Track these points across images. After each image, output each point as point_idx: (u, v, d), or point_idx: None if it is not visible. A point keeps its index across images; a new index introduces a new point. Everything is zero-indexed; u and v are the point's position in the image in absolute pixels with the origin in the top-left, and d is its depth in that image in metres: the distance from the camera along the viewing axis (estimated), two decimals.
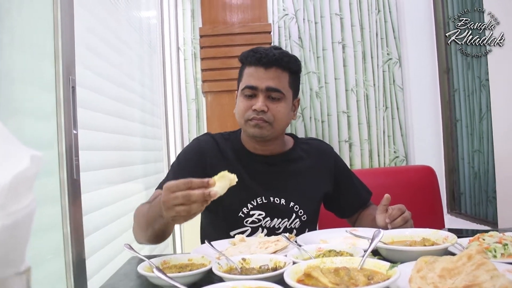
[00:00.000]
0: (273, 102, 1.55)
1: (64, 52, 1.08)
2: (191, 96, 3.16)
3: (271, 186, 1.63)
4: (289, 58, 1.57)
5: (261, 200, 1.61)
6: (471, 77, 2.83)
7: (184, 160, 1.64)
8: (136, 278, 1.19)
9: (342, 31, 3.23)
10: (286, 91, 1.57)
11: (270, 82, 1.53)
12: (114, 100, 1.96)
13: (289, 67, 1.57)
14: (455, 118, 3.06)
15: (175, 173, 1.59)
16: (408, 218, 1.41)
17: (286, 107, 1.57)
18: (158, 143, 2.82)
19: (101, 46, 1.81)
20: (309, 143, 1.77)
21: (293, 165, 1.68)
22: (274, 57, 1.53)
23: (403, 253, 1.12)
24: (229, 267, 1.11)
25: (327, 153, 1.76)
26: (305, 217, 1.65)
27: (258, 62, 1.54)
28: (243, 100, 1.57)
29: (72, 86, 1.12)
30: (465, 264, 0.93)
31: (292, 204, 1.63)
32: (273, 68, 1.54)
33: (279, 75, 1.55)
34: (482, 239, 1.22)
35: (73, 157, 1.11)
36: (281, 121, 1.58)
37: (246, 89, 1.55)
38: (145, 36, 2.62)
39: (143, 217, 1.37)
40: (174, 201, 1.08)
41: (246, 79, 1.57)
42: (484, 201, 2.75)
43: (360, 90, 3.22)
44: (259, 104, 1.52)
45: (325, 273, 0.93)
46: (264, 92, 1.53)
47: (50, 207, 1.06)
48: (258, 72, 1.54)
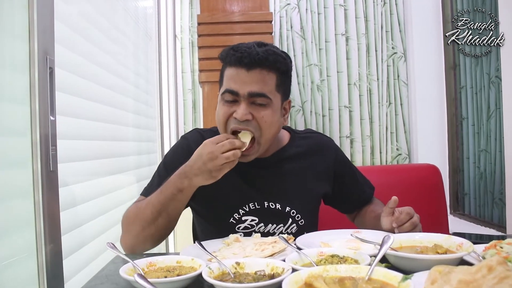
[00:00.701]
0: (258, 108, 1.35)
1: (40, 29, 0.96)
2: (188, 86, 3.04)
3: (264, 189, 1.49)
4: (275, 57, 1.35)
5: (254, 205, 1.48)
6: (479, 74, 2.72)
7: (170, 162, 1.50)
8: (119, 280, 1.08)
9: (346, 22, 3.11)
10: (273, 95, 1.37)
11: (253, 87, 1.32)
12: (105, 87, 1.84)
13: (276, 67, 1.36)
14: (461, 116, 2.95)
15: (161, 177, 1.47)
16: (417, 223, 1.30)
17: (273, 114, 1.37)
18: (152, 134, 2.70)
19: (92, 29, 1.69)
20: (307, 137, 1.61)
21: (288, 165, 1.53)
22: (257, 56, 1.32)
23: (414, 262, 1.01)
24: (221, 272, 1.00)
25: (327, 148, 1.61)
26: (302, 221, 1.51)
27: (239, 62, 1.33)
28: (223, 105, 1.37)
29: (50, 67, 1.00)
30: (485, 277, 0.83)
31: (288, 209, 1.49)
32: (257, 69, 1.32)
33: (264, 78, 1.34)
34: (499, 247, 1.12)
35: (49, 146, 0.99)
36: (269, 130, 1.38)
37: (226, 94, 1.36)
38: (140, 23, 2.50)
39: (147, 209, 1.31)
40: (221, 148, 1.23)
41: (227, 82, 1.37)
42: (489, 202, 2.65)
43: (363, 84, 3.11)
44: (241, 112, 1.32)
45: (328, 283, 0.83)
46: (247, 98, 1.33)
47: (21, 201, 0.95)
48: (240, 74, 1.33)
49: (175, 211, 1.32)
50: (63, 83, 1.39)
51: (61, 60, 1.32)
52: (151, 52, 2.74)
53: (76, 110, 1.51)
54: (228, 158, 1.23)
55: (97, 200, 1.66)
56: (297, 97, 3.07)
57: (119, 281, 1.08)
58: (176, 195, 1.28)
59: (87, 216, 1.54)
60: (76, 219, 1.41)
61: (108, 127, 1.87)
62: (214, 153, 1.22)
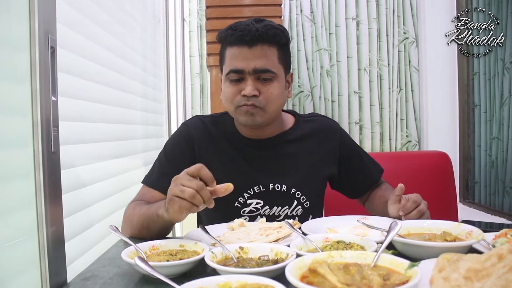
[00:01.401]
0: (264, 83, 1.37)
1: (41, 7, 0.94)
2: (196, 70, 3.01)
3: (269, 171, 1.49)
4: (275, 31, 1.38)
5: (259, 188, 1.48)
6: (493, 60, 2.66)
7: (171, 150, 1.51)
8: (121, 264, 1.07)
9: (357, 6, 3.05)
10: (277, 69, 1.40)
11: (257, 62, 1.35)
12: (113, 70, 1.82)
13: (276, 41, 1.38)
14: (473, 103, 2.90)
15: (162, 165, 1.49)
16: (424, 211, 1.27)
17: (279, 87, 1.40)
18: (159, 118, 2.69)
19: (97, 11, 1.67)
20: (312, 121, 1.60)
21: (293, 147, 1.53)
22: (257, 32, 1.34)
23: (422, 249, 0.99)
24: (225, 256, 0.99)
25: (331, 131, 1.59)
26: (308, 203, 1.51)
27: (240, 40, 1.34)
28: (229, 85, 1.39)
29: (52, 46, 0.98)
30: (494, 265, 0.80)
31: (294, 190, 1.49)
32: (258, 45, 1.35)
33: (266, 52, 1.36)
34: (510, 236, 1.09)
35: (51, 127, 0.97)
36: (276, 104, 1.41)
37: (232, 74, 1.37)
38: (148, 5, 2.47)
39: (136, 217, 1.29)
40: (180, 190, 1.07)
41: (230, 62, 1.38)
42: (500, 191, 2.61)
43: (373, 69, 3.05)
44: (249, 88, 1.35)
45: (333, 269, 0.80)
46: (252, 75, 1.36)
47: (22, 182, 0.93)
48: (242, 52, 1.35)
49: (157, 231, 1.23)
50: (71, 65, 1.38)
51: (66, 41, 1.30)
52: (159, 35, 2.71)
53: (83, 93, 1.49)
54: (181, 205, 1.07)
55: (103, 183, 1.65)
56: (306, 82, 3.03)
57: (121, 264, 1.07)
58: (157, 218, 1.19)
59: (92, 199, 1.54)
60: (80, 202, 1.41)
61: (115, 110, 1.86)
62: (172, 190, 1.09)
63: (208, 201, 1.07)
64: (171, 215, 1.10)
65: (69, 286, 0.96)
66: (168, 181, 1.39)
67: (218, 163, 1.48)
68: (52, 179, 0.99)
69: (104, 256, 1.17)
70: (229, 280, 0.78)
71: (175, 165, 1.44)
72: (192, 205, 1.05)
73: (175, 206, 1.07)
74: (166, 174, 1.42)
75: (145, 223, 1.25)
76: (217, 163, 1.47)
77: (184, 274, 0.97)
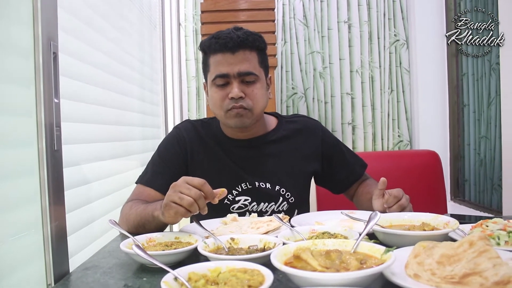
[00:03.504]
0: (248, 85, 1.48)
1: (44, 16, 1.01)
2: (192, 73, 3.09)
3: (255, 170, 1.58)
4: (254, 37, 1.49)
5: (246, 185, 1.57)
6: (480, 61, 2.74)
7: (164, 150, 1.61)
8: (120, 255, 1.15)
9: (349, 10, 3.13)
10: (258, 71, 1.50)
11: (241, 66, 1.45)
12: (111, 74, 1.90)
13: (256, 46, 1.50)
14: (463, 103, 2.97)
15: (155, 166, 1.57)
16: (405, 205, 1.35)
17: (261, 88, 1.51)
18: (156, 120, 2.76)
19: (95, 17, 1.74)
20: (294, 121, 1.70)
21: (276, 147, 1.62)
22: (239, 39, 1.45)
23: (400, 237, 1.06)
24: (217, 246, 1.06)
25: (313, 130, 1.68)
26: (292, 199, 1.60)
27: (224, 48, 1.45)
28: (216, 90, 1.49)
29: (54, 52, 1.05)
30: (466, 251, 0.87)
31: (278, 187, 1.58)
32: (240, 51, 1.46)
33: (247, 57, 1.47)
34: (485, 226, 1.16)
35: (53, 127, 1.04)
36: (260, 104, 1.51)
37: (218, 79, 1.47)
38: (145, 11, 2.55)
39: (133, 216, 1.35)
40: (179, 197, 1.12)
41: (215, 68, 1.48)
42: (489, 188, 2.68)
43: (365, 71, 3.13)
44: (235, 91, 1.44)
45: (315, 255, 0.87)
46: (237, 78, 1.46)
47: (28, 178, 1.00)
48: (226, 58, 1.46)
49: (152, 230, 1.27)
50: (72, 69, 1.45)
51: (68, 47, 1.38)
52: (155, 40, 2.79)
53: (83, 95, 1.57)
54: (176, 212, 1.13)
55: (102, 182, 1.72)
56: (300, 84, 3.10)
57: (120, 256, 1.14)
58: (153, 219, 1.27)
59: (93, 196, 1.61)
60: (81, 199, 1.48)
61: (114, 112, 1.93)
62: (170, 196, 1.14)
63: (203, 209, 1.15)
64: (167, 218, 1.18)
65: (71, 275, 1.02)
66: (162, 180, 1.48)
67: (208, 163, 1.58)
68: (55, 176, 1.06)
69: (104, 249, 1.24)
70: (219, 265, 0.85)
71: (169, 165, 1.54)
72: (187, 211, 1.13)
73: (171, 211, 1.14)
74: (160, 174, 1.52)
75: (141, 222, 1.32)
76: (207, 163, 1.58)
77: (179, 263, 1.03)
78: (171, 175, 1.42)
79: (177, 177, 1.22)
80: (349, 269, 0.81)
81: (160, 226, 1.30)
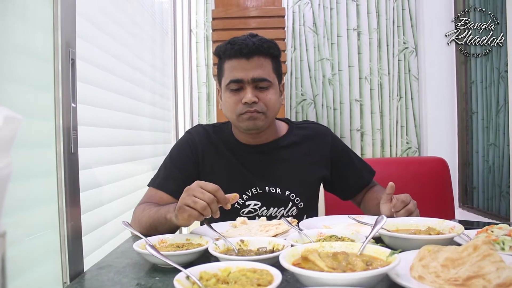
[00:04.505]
0: (262, 91, 1.50)
1: (63, 24, 1.05)
2: (202, 79, 3.13)
3: (265, 175, 1.60)
4: (268, 44, 1.52)
5: (256, 190, 1.59)
6: (489, 69, 2.75)
7: (176, 155, 1.64)
8: (133, 256, 1.18)
9: (358, 17, 3.16)
10: (272, 78, 1.53)
11: (255, 72, 1.48)
12: (124, 79, 1.94)
13: (270, 53, 1.53)
14: (471, 111, 2.98)
15: (167, 169, 1.60)
16: (412, 210, 1.37)
17: (275, 94, 1.53)
18: (167, 125, 2.80)
19: (109, 24, 1.78)
20: (305, 127, 1.72)
21: (286, 152, 1.64)
22: (254, 45, 1.48)
23: (406, 241, 1.09)
24: (227, 248, 1.08)
25: (323, 136, 1.70)
26: (302, 204, 1.62)
27: (239, 54, 1.48)
28: (230, 95, 1.52)
29: (72, 58, 1.09)
30: (470, 255, 0.89)
31: (288, 192, 1.60)
32: (255, 57, 1.49)
33: (262, 63, 1.50)
34: (490, 231, 1.18)
35: (71, 131, 1.08)
36: (273, 109, 1.54)
37: (232, 84, 1.50)
38: (157, 17, 2.60)
39: (145, 218, 1.38)
40: (193, 201, 1.16)
41: (230, 73, 1.51)
42: (497, 196, 2.69)
43: (374, 78, 3.16)
44: (249, 96, 1.47)
45: (322, 257, 0.90)
46: (251, 83, 1.49)
47: (46, 179, 1.04)
48: (241, 64, 1.49)
49: (164, 232, 1.30)
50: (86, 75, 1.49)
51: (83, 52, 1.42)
52: (167, 46, 2.84)
53: (97, 100, 1.61)
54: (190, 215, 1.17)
55: (114, 185, 1.76)
56: (309, 90, 3.14)
57: (132, 256, 1.17)
58: (165, 221, 1.30)
59: (104, 198, 1.64)
60: (94, 201, 1.51)
61: (126, 117, 1.97)
62: (184, 200, 1.18)
63: (215, 213, 1.18)
64: (180, 221, 1.21)
65: (86, 274, 1.06)
66: (174, 184, 1.51)
67: (219, 167, 1.61)
68: (72, 178, 1.10)
69: (117, 250, 1.27)
70: (229, 265, 0.88)
71: (180, 169, 1.57)
72: (200, 215, 1.16)
73: (184, 214, 1.17)
74: (172, 178, 1.55)
75: (153, 224, 1.35)
76: (218, 167, 1.60)
77: (190, 263, 1.06)
78: (183, 179, 1.46)
79: (188, 181, 1.26)
80: (355, 270, 0.84)
81: (172, 228, 1.33)
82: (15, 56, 0.96)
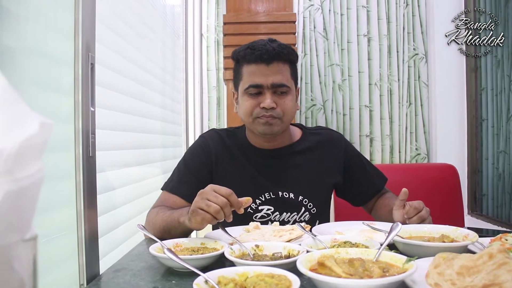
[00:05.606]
0: (280, 96, 1.52)
1: (84, 29, 1.07)
2: (213, 83, 3.15)
3: (278, 180, 1.61)
4: (288, 50, 1.54)
5: (269, 195, 1.60)
6: (500, 76, 2.75)
7: (190, 159, 1.65)
8: (148, 259, 1.19)
9: (368, 24, 3.17)
10: (290, 83, 1.55)
11: (274, 78, 1.50)
12: (136, 82, 1.96)
13: (289, 59, 1.55)
14: (481, 118, 2.98)
15: (181, 173, 1.61)
16: (425, 217, 1.37)
17: (292, 100, 1.55)
18: (178, 128, 2.82)
19: (125, 28, 1.81)
20: (318, 133, 1.73)
21: (300, 158, 1.65)
22: (274, 51, 1.49)
23: (420, 248, 1.09)
24: (242, 252, 1.09)
25: (336, 143, 1.71)
26: (314, 210, 1.63)
27: (259, 59, 1.49)
28: (248, 99, 1.53)
29: (91, 63, 1.11)
30: (485, 263, 0.90)
31: (301, 198, 1.61)
32: (274, 62, 1.50)
33: (281, 69, 1.52)
34: (504, 239, 1.18)
35: (89, 134, 1.10)
36: (290, 115, 1.56)
37: (251, 88, 1.51)
38: (169, 22, 2.62)
39: (159, 221, 1.39)
40: (206, 204, 1.17)
41: (249, 78, 1.52)
42: (507, 203, 2.68)
43: (384, 84, 3.16)
44: (268, 101, 1.49)
45: (339, 263, 0.91)
46: (270, 89, 1.50)
47: (65, 182, 1.06)
48: (261, 69, 1.50)
49: (178, 235, 1.31)
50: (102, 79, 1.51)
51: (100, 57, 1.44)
52: (178, 50, 2.86)
53: (111, 103, 1.62)
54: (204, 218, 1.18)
55: (127, 188, 1.77)
56: (319, 96, 3.14)
57: (147, 259, 1.19)
58: (178, 225, 1.31)
59: (118, 201, 1.66)
60: (108, 204, 1.53)
61: (138, 120, 1.99)
62: (197, 203, 1.19)
63: (228, 217, 1.20)
64: (193, 224, 1.22)
65: (102, 276, 1.07)
66: (187, 188, 1.52)
67: (232, 172, 1.61)
68: (90, 181, 1.11)
69: (131, 252, 1.28)
70: (246, 270, 0.89)
71: (194, 173, 1.58)
72: (213, 218, 1.17)
73: (198, 217, 1.18)
74: (185, 182, 1.56)
75: (167, 227, 1.36)
76: (231, 172, 1.61)
77: (206, 268, 1.07)
78: (196, 183, 1.47)
79: (202, 185, 1.27)
80: (372, 277, 0.84)
81: (185, 231, 1.34)
82: (38, 61, 0.98)
